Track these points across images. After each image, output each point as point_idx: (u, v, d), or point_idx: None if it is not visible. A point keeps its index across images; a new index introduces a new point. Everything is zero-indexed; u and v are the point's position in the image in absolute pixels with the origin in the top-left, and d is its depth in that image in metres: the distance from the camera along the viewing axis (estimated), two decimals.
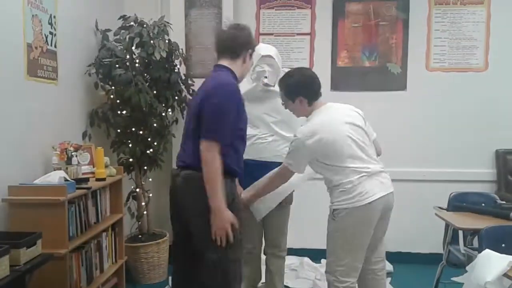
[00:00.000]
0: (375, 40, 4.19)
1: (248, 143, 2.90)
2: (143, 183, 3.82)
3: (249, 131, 2.92)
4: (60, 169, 2.74)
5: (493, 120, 4.10)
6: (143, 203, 3.82)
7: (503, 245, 2.38)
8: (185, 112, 3.76)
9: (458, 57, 4.14)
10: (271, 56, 2.87)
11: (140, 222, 3.86)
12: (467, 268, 2.34)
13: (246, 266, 3.14)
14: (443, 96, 4.14)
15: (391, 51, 4.19)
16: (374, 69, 4.20)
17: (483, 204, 3.18)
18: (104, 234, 3.04)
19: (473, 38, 4.13)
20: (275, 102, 2.92)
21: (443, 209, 3.22)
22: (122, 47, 3.54)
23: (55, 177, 2.58)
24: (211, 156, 2.10)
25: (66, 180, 2.61)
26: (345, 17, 4.21)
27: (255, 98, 2.92)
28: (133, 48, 3.54)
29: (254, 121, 2.94)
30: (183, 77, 3.85)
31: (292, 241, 3.23)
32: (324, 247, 4.02)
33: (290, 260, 3.89)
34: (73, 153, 2.86)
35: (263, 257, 3.20)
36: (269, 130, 2.93)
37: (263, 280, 3.23)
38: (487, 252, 2.21)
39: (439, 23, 4.14)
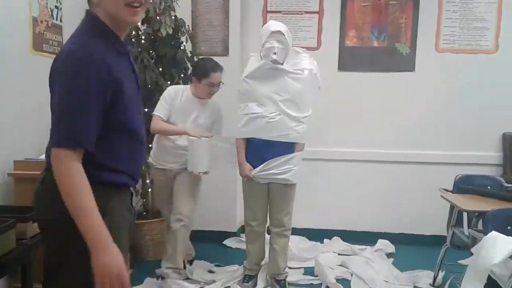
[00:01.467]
0: (385, 20, 4.12)
1: (255, 121, 2.90)
2: (148, 160, 3.81)
3: (257, 109, 2.91)
4: None
5: (501, 103, 4.04)
6: (147, 181, 3.82)
7: (508, 227, 2.39)
8: None
9: (469, 39, 4.07)
10: (281, 32, 2.83)
11: (144, 199, 3.88)
12: (472, 250, 2.35)
13: (250, 244, 3.18)
14: (452, 78, 4.08)
15: (401, 31, 4.12)
16: (382, 50, 4.13)
17: (489, 187, 3.17)
18: None
19: (484, 19, 4.04)
20: (284, 81, 2.89)
21: (448, 191, 3.21)
22: None
23: None
24: None
25: None
26: None
27: (264, 76, 2.89)
28: (139, 24, 3.49)
29: (262, 100, 2.91)
30: (189, 55, 3.81)
31: (296, 220, 3.23)
32: (324, 227, 4.12)
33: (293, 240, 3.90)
34: None
35: (267, 236, 3.21)
36: (277, 109, 2.89)
37: (266, 259, 3.25)
38: (494, 234, 2.21)
39: (450, 3, 4.05)
